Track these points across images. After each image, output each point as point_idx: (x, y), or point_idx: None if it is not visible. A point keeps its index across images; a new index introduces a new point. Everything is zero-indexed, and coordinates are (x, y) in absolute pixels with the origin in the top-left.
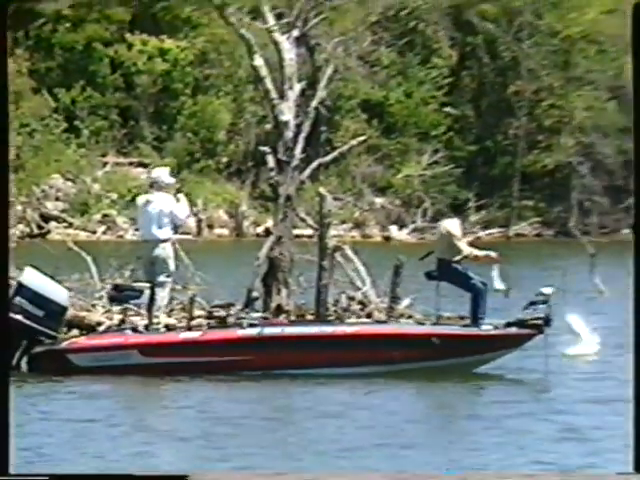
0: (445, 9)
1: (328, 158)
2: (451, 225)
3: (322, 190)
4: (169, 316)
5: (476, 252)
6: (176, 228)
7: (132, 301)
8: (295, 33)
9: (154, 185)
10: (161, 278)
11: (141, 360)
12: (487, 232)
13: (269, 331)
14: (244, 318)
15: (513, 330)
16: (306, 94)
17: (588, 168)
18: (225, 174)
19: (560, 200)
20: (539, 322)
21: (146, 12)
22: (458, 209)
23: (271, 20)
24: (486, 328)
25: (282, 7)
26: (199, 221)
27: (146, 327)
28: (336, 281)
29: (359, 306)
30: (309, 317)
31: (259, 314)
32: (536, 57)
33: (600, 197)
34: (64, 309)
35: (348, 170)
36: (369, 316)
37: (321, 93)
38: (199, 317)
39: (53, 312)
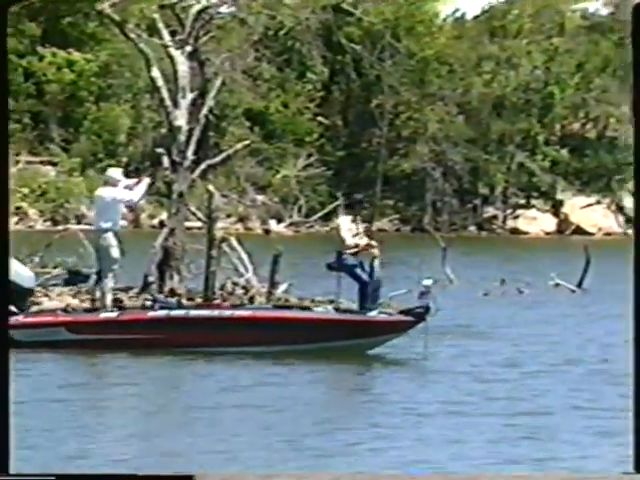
0: (316, 30)
1: (216, 160)
2: (341, 221)
3: (210, 188)
4: (74, 297)
5: (356, 241)
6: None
7: (81, 284)
8: (188, 49)
9: (106, 182)
10: (104, 265)
11: (68, 336)
12: None
13: (175, 313)
14: (161, 301)
15: (395, 317)
16: (197, 103)
17: (440, 173)
18: (125, 173)
19: (416, 200)
20: (421, 310)
21: (56, 27)
22: (349, 207)
23: (166, 36)
24: (372, 315)
25: (176, 25)
26: None
27: (94, 308)
28: (222, 268)
29: (242, 290)
30: (221, 301)
31: (173, 299)
32: (396, 75)
33: (450, 198)
34: (26, 290)
35: (234, 171)
36: (251, 300)
37: (210, 102)
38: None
39: (15, 293)
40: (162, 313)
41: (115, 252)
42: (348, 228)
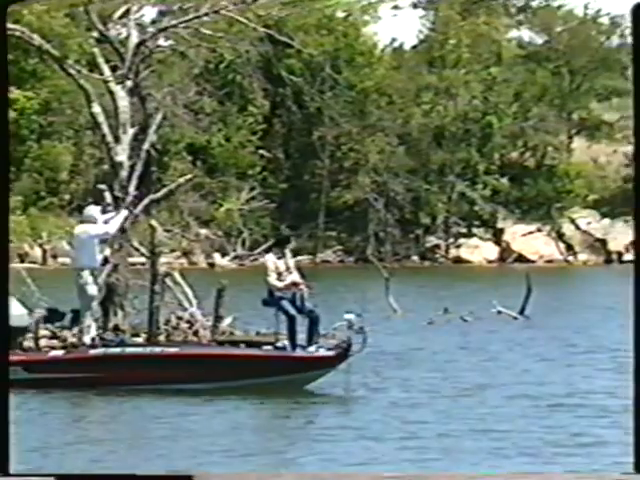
0: (257, 63)
1: (158, 195)
2: (266, 260)
3: (153, 223)
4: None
5: (279, 284)
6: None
7: (56, 323)
8: (129, 83)
9: (83, 221)
10: (82, 303)
11: (24, 375)
12: (297, 259)
13: (112, 351)
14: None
15: (319, 353)
16: (139, 138)
17: (382, 203)
18: (68, 210)
19: (359, 231)
20: (344, 346)
21: None
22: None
23: (107, 71)
24: (305, 350)
25: (116, 60)
26: (44, 251)
27: (73, 345)
28: (166, 303)
29: (187, 324)
30: (160, 337)
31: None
32: (336, 107)
33: (392, 228)
34: (15, 329)
35: (177, 205)
36: (196, 334)
37: (152, 137)
38: (44, 337)
39: None
40: (100, 351)
41: (92, 289)
42: (274, 267)
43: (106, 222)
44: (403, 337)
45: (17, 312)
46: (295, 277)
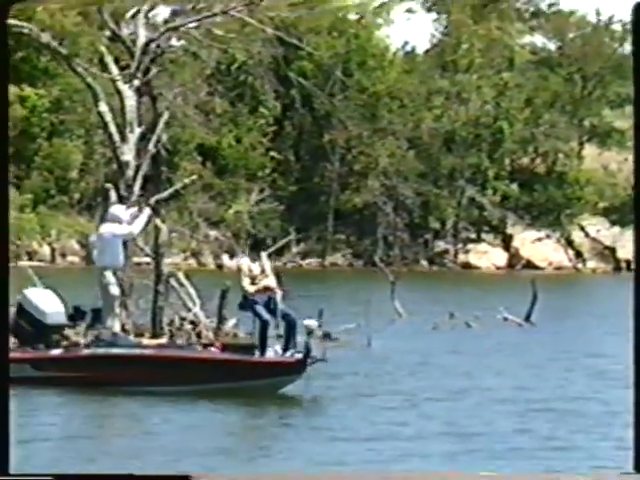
0: (268, 64)
1: (164, 194)
2: (241, 264)
3: (158, 223)
4: None
5: (250, 289)
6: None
7: (79, 321)
8: (136, 83)
9: (106, 220)
10: (105, 302)
11: (31, 373)
12: (306, 262)
13: (101, 351)
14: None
15: (279, 358)
16: (147, 137)
17: (391, 207)
18: (77, 209)
19: (368, 234)
20: (304, 352)
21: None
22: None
23: (114, 70)
24: (268, 355)
25: (128, 59)
26: (53, 250)
27: (75, 344)
28: (170, 304)
29: (190, 325)
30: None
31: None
32: (347, 110)
33: (401, 232)
34: (47, 326)
35: (186, 206)
36: (199, 335)
37: (162, 137)
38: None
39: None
40: (88, 352)
41: (114, 289)
42: (248, 270)
43: (129, 222)
44: (402, 341)
45: (49, 309)
46: (270, 281)
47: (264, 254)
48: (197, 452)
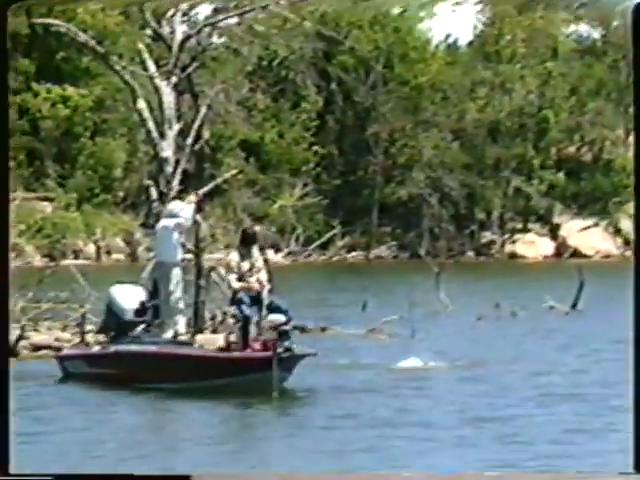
0: (310, 60)
1: (204, 190)
2: (230, 258)
3: (198, 218)
4: (63, 331)
5: (235, 285)
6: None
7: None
8: (174, 79)
9: (168, 215)
10: (161, 297)
11: (85, 370)
12: (351, 255)
13: (122, 348)
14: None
15: (251, 354)
16: (187, 135)
17: (436, 199)
18: (121, 207)
19: (413, 227)
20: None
21: (50, 63)
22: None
23: (152, 67)
24: (247, 352)
25: (168, 58)
26: (98, 248)
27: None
28: (213, 298)
29: (233, 320)
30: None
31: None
32: (389, 103)
33: (447, 224)
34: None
35: (230, 202)
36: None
37: (197, 133)
38: (90, 332)
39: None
40: (113, 349)
41: (170, 285)
42: (236, 267)
43: (178, 215)
44: (445, 333)
45: (124, 305)
46: (261, 276)
47: (255, 247)
48: None
